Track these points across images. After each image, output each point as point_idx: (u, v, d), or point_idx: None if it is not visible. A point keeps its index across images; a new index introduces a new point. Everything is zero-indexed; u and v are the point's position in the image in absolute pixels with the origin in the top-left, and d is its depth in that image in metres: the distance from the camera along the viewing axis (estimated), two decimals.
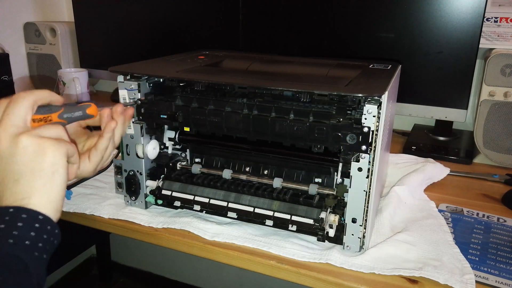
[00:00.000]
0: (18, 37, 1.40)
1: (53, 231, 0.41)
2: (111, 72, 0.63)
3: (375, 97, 0.52)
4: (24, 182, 0.40)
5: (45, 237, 0.39)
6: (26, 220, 0.38)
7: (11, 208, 0.39)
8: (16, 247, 0.37)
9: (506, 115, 0.87)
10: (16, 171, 0.40)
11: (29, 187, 0.40)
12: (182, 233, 0.62)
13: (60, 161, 0.42)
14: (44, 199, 0.40)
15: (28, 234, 0.38)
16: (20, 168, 0.40)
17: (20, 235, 0.37)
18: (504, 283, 0.53)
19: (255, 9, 1.07)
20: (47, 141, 0.41)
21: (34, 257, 0.38)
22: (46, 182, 0.41)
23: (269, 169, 0.66)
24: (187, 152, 0.70)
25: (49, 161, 0.41)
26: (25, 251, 0.37)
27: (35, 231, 0.39)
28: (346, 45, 1.01)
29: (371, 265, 0.55)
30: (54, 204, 0.41)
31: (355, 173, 0.54)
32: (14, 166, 0.40)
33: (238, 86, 0.61)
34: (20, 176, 0.40)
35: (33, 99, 0.43)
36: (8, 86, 0.97)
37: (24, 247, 0.37)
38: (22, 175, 0.40)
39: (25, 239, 0.38)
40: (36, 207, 0.40)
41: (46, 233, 0.40)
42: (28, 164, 0.40)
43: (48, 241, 0.40)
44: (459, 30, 0.89)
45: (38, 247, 0.38)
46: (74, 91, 1.30)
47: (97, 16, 1.32)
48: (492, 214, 0.70)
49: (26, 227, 0.38)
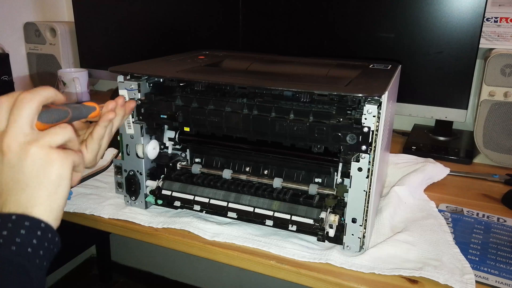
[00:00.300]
0: (18, 37, 1.40)
1: (54, 239, 0.41)
2: (111, 72, 0.63)
3: (375, 97, 0.52)
4: (29, 191, 0.40)
5: (46, 245, 0.40)
6: (29, 228, 0.39)
7: (13, 215, 0.39)
8: (19, 254, 0.37)
9: (506, 115, 0.87)
10: (23, 181, 0.40)
11: (33, 197, 0.40)
12: (182, 233, 0.62)
13: (66, 173, 0.42)
14: (47, 208, 0.41)
15: (30, 241, 0.38)
16: (27, 178, 0.40)
17: (23, 242, 0.38)
18: (504, 283, 0.53)
19: (255, 9, 1.07)
20: (55, 153, 0.41)
21: (35, 264, 0.38)
22: (51, 193, 0.41)
23: (269, 169, 0.66)
24: (187, 152, 0.70)
25: (56, 173, 0.41)
26: (27, 258, 0.37)
27: (37, 239, 0.39)
28: (346, 45, 1.01)
29: (371, 265, 0.55)
30: (56, 213, 0.42)
31: (355, 173, 0.54)
32: (21, 176, 0.40)
33: (238, 86, 0.61)
34: (26, 186, 0.40)
35: (39, 102, 0.42)
36: (8, 86, 0.98)
37: (26, 254, 0.38)
38: (28, 185, 0.40)
39: (27, 247, 0.38)
40: (39, 216, 0.40)
41: (47, 241, 0.40)
42: (35, 175, 0.40)
43: (48, 248, 0.40)
44: (459, 30, 0.89)
45: (39, 255, 0.39)
46: (74, 91, 1.30)
47: (97, 16, 1.32)
48: (492, 214, 0.70)
49: (29, 234, 0.38)
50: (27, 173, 0.40)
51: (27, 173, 0.40)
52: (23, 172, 0.40)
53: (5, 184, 0.41)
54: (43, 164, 0.41)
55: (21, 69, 1.43)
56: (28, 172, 0.40)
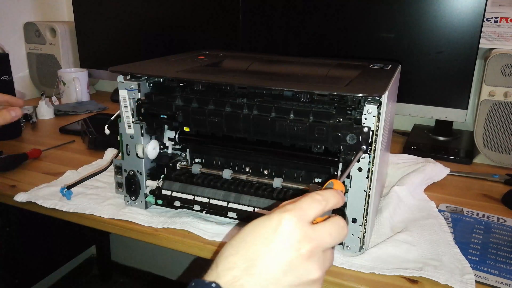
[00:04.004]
0: (18, 37, 1.40)
1: None
2: (111, 72, 0.63)
3: (375, 97, 0.52)
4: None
5: None
6: None
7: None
8: None
9: (506, 115, 0.87)
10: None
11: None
12: (182, 233, 0.62)
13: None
14: None
15: None
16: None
17: None
18: (504, 283, 0.53)
19: (255, 9, 1.07)
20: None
21: None
22: None
23: (269, 169, 0.66)
24: (187, 152, 0.70)
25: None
26: None
27: None
28: (346, 45, 1.01)
29: (371, 265, 0.55)
30: None
31: (355, 173, 0.54)
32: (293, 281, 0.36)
33: (238, 86, 0.61)
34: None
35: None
36: (8, 86, 0.97)
37: None
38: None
39: None
40: None
41: None
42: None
43: None
44: (459, 30, 0.89)
45: None
46: (74, 91, 1.30)
47: (97, 16, 1.32)
48: (492, 214, 0.70)
49: None
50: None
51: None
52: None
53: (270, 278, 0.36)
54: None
55: (21, 69, 1.43)
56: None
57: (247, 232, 0.38)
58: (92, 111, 1.23)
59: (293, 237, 0.37)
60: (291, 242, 0.36)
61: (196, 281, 0.36)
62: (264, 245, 0.36)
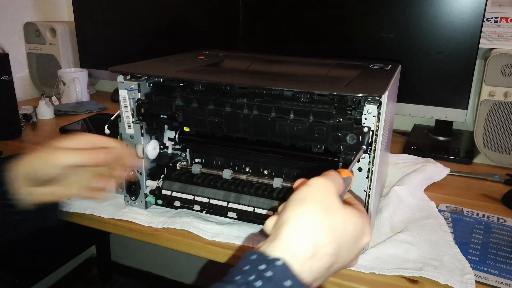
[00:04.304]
0: (18, 37, 1.40)
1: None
2: (111, 72, 0.63)
3: (375, 97, 0.52)
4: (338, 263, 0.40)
5: None
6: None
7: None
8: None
9: (506, 115, 0.87)
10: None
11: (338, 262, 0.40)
12: (182, 233, 0.62)
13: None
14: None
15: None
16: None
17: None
18: (504, 283, 0.53)
19: (255, 9, 1.07)
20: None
21: None
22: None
23: (269, 169, 0.66)
24: (187, 152, 0.70)
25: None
26: None
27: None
28: (346, 45, 1.01)
29: (371, 265, 0.55)
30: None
31: (355, 173, 0.54)
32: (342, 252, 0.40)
33: (238, 86, 0.61)
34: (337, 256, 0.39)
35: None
36: (8, 86, 0.97)
37: None
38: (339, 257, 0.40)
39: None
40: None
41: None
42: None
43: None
44: (459, 30, 0.89)
45: None
46: (74, 91, 1.30)
47: (97, 16, 1.32)
48: (492, 214, 0.70)
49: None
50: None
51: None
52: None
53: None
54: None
55: (21, 69, 1.43)
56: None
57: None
58: (92, 111, 1.23)
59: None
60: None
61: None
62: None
